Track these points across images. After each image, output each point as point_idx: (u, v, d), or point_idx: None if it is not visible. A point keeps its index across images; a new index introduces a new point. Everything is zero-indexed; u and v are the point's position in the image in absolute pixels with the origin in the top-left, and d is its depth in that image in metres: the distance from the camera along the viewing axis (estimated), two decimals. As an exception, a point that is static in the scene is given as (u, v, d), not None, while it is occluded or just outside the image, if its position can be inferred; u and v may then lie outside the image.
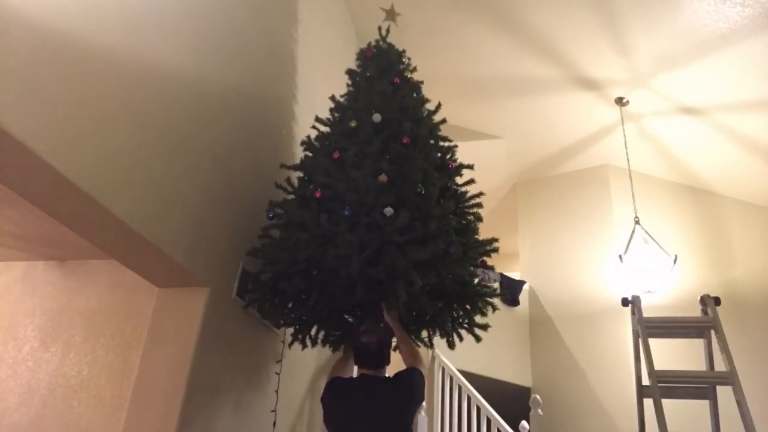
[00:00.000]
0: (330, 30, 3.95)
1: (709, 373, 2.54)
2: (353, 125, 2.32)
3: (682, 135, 4.61)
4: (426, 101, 2.56)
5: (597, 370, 4.59)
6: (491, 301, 2.31)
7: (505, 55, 4.24)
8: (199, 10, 2.19)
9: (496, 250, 2.23)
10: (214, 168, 2.26)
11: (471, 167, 2.43)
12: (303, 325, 2.35)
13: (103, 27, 1.64)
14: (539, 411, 3.51)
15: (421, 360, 2.02)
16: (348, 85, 2.66)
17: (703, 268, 4.74)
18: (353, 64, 2.78)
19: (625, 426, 4.06)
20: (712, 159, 4.75)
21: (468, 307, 2.26)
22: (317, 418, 3.22)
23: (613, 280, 4.76)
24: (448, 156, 2.41)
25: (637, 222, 4.09)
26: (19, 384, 2.72)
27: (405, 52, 2.74)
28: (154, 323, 2.20)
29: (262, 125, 2.75)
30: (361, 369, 1.99)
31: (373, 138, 2.21)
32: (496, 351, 4.71)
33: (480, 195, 2.38)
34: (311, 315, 2.17)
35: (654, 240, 4.02)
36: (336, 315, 2.26)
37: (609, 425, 4.32)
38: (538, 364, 5.04)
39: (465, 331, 2.36)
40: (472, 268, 2.17)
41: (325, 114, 2.54)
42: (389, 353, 2.04)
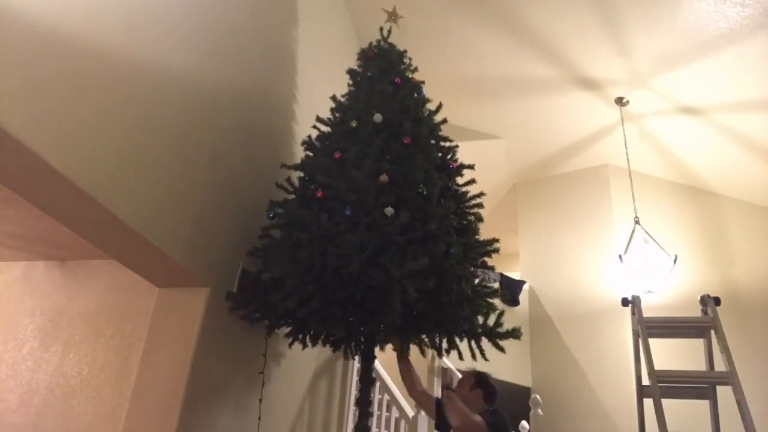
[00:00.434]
0: (330, 30, 3.95)
1: (709, 373, 2.54)
2: (354, 125, 2.32)
3: (682, 135, 4.61)
4: (427, 101, 2.56)
5: (597, 370, 4.59)
6: (492, 302, 2.31)
7: (506, 56, 4.24)
8: (199, 9, 2.19)
9: (496, 250, 2.23)
10: (214, 168, 2.26)
11: (472, 167, 2.42)
12: (301, 326, 2.33)
13: (104, 27, 1.64)
14: (539, 411, 3.51)
15: None
16: (349, 85, 2.66)
17: (703, 268, 4.74)
18: (354, 64, 2.77)
19: (625, 426, 4.06)
20: (712, 159, 4.75)
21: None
22: (318, 417, 3.22)
23: (613, 280, 4.76)
24: (448, 156, 2.41)
25: (637, 222, 4.09)
26: (19, 384, 2.72)
27: (406, 52, 2.73)
28: (154, 323, 2.20)
29: (262, 125, 2.74)
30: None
31: (374, 138, 2.21)
32: (495, 351, 4.69)
33: (481, 195, 2.37)
34: (310, 316, 2.17)
35: (654, 240, 4.02)
36: (337, 314, 2.25)
37: (609, 425, 4.32)
38: (538, 364, 5.04)
39: (485, 339, 2.41)
40: (472, 268, 2.17)
41: (326, 114, 2.53)
42: None
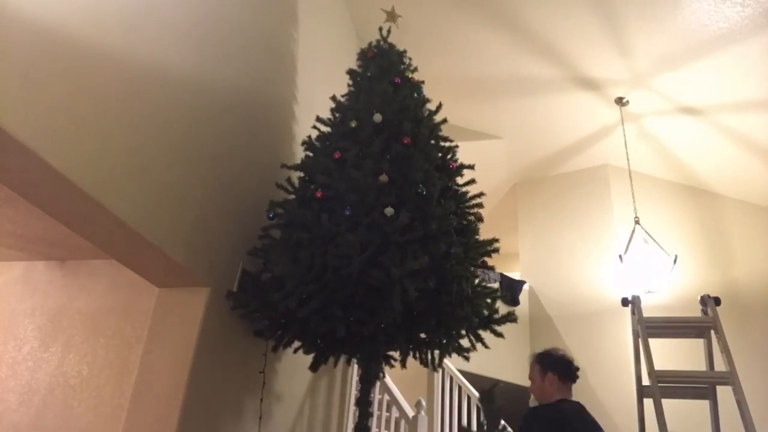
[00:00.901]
0: (330, 30, 3.95)
1: (709, 373, 2.54)
2: (354, 125, 2.32)
3: (682, 135, 4.61)
4: (427, 101, 2.56)
5: (597, 370, 4.59)
6: (490, 303, 2.31)
7: (506, 56, 4.24)
8: (199, 9, 2.19)
9: (496, 250, 2.23)
10: (214, 168, 2.26)
11: (472, 167, 2.42)
12: (300, 332, 2.28)
13: (104, 27, 1.64)
14: (539, 411, 3.50)
15: None
16: (349, 85, 2.66)
17: (703, 268, 4.74)
18: (353, 64, 2.77)
19: (625, 426, 4.06)
20: (712, 159, 4.75)
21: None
22: (318, 417, 3.22)
23: (613, 280, 4.76)
24: (448, 156, 2.41)
25: (637, 222, 4.09)
26: (19, 384, 2.72)
27: (406, 52, 2.73)
28: (154, 323, 2.20)
29: (262, 125, 2.74)
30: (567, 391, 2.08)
31: (374, 138, 2.21)
32: (495, 351, 4.68)
33: (481, 195, 2.37)
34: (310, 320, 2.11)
35: (654, 240, 4.02)
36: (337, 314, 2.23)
37: (609, 425, 4.29)
38: (538, 364, 5.03)
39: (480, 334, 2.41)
40: (472, 268, 2.17)
41: (326, 114, 2.53)
42: None
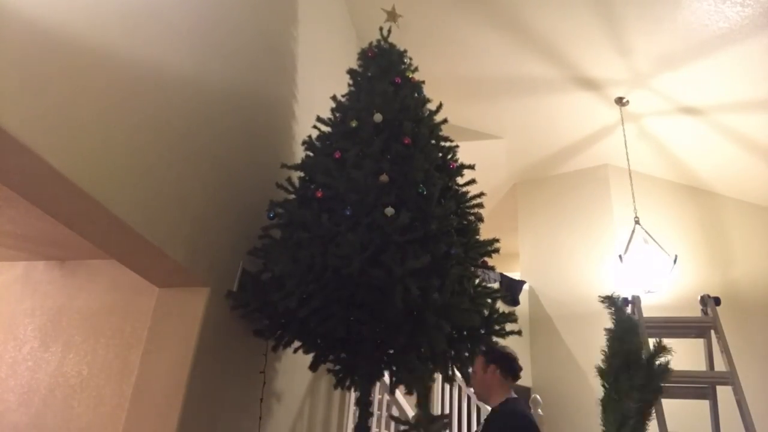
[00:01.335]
0: (330, 29, 3.95)
1: (709, 373, 2.55)
2: (354, 125, 2.31)
3: (682, 135, 4.61)
4: (427, 101, 2.56)
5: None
6: (491, 303, 2.30)
7: (506, 56, 4.24)
8: (199, 9, 2.19)
9: (497, 250, 2.23)
10: (214, 167, 2.26)
11: (472, 167, 2.42)
12: (299, 333, 2.26)
13: (104, 27, 1.64)
14: (539, 411, 3.51)
15: None
16: (349, 85, 2.65)
17: (703, 268, 4.74)
18: (354, 63, 2.77)
19: (625, 426, 4.06)
20: (712, 159, 4.75)
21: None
22: (318, 418, 3.22)
23: (613, 280, 4.75)
24: (449, 156, 2.41)
25: (637, 222, 4.08)
26: (19, 384, 2.72)
27: (406, 52, 2.73)
28: (154, 323, 2.20)
29: (262, 125, 2.74)
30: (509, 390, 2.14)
31: (374, 138, 2.20)
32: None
33: (481, 195, 2.37)
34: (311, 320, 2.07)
35: (654, 240, 4.02)
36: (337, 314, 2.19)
37: (609, 425, 4.31)
38: (538, 364, 5.04)
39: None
40: (473, 268, 2.17)
41: (326, 113, 2.53)
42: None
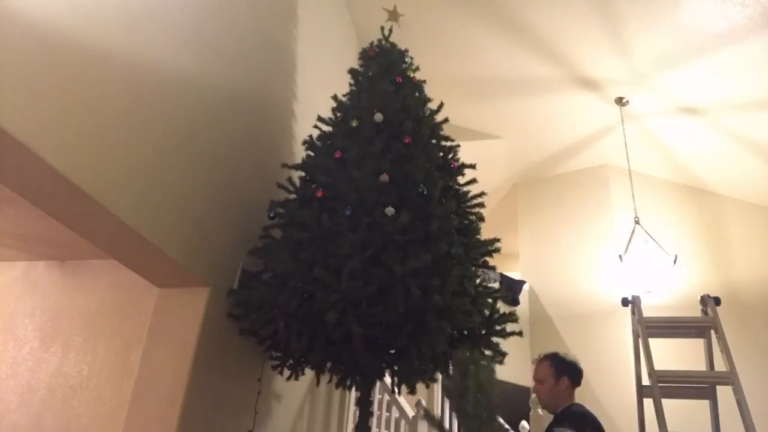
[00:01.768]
0: (331, 29, 3.94)
1: (709, 373, 2.54)
2: (355, 125, 2.31)
3: (682, 135, 4.61)
4: (428, 101, 2.56)
5: (597, 370, 4.58)
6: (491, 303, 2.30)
7: (506, 55, 4.24)
8: (199, 10, 2.19)
9: (497, 250, 2.23)
10: (214, 167, 2.26)
11: (473, 167, 2.42)
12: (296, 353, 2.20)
13: (104, 27, 1.63)
14: (539, 411, 3.50)
15: None
16: (350, 85, 2.65)
17: (704, 268, 4.74)
18: (355, 63, 2.77)
19: (625, 426, 4.05)
20: (712, 159, 4.74)
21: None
22: (318, 417, 3.21)
23: (613, 280, 4.75)
24: (449, 156, 2.41)
25: (637, 222, 4.08)
26: (19, 384, 2.72)
27: (407, 51, 2.73)
28: (154, 323, 2.20)
29: (263, 124, 2.74)
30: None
31: (375, 137, 2.20)
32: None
33: (482, 195, 2.37)
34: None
35: (654, 240, 4.02)
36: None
37: (609, 425, 4.28)
38: (537, 363, 5.03)
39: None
40: (473, 268, 2.17)
41: (327, 113, 2.53)
42: None
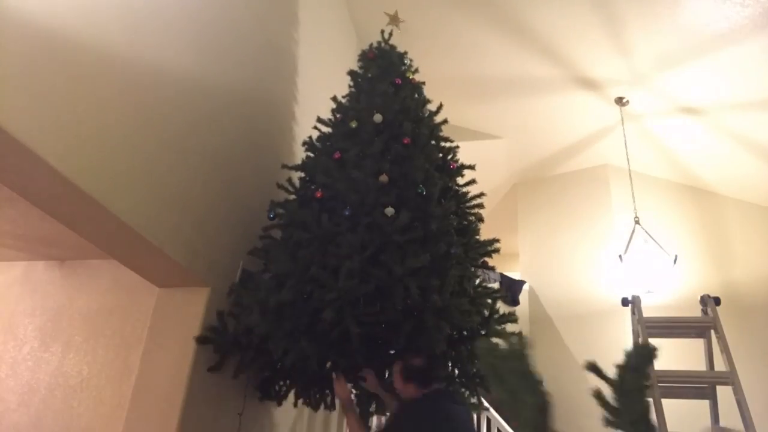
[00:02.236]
0: (331, 31, 3.95)
1: (709, 373, 2.55)
2: (354, 126, 2.32)
3: (682, 135, 4.61)
4: (427, 102, 2.56)
5: (597, 370, 4.59)
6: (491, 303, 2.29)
7: (506, 56, 4.24)
8: (200, 11, 2.19)
9: (497, 250, 2.23)
10: (214, 168, 2.26)
11: (472, 167, 2.42)
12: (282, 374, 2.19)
13: (104, 28, 1.64)
14: (539, 411, 3.50)
15: None
16: (350, 86, 2.66)
17: (704, 268, 4.74)
18: (354, 65, 2.78)
19: (625, 426, 4.06)
20: (712, 159, 4.74)
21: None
22: (318, 417, 3.21)
23: (613, 280, 4.75)
24: (449, 156, 2.41)
25: (637, 222, 4.08)
26: (19, 384, 2.72)
27: (407, 53, 2.74)
28: (154, 323, 2.20)
29: (263, 125, 2.74)
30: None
31: (375, 138, 2.21)
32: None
33: (481, 195, 2.38)
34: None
35: (654, 240, 4.02)
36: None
37: (609, 425, 4.31)
38: (538, 364, 5.03)
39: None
40: (473, 268, 2.17)
41: (327, 114, 2.54)
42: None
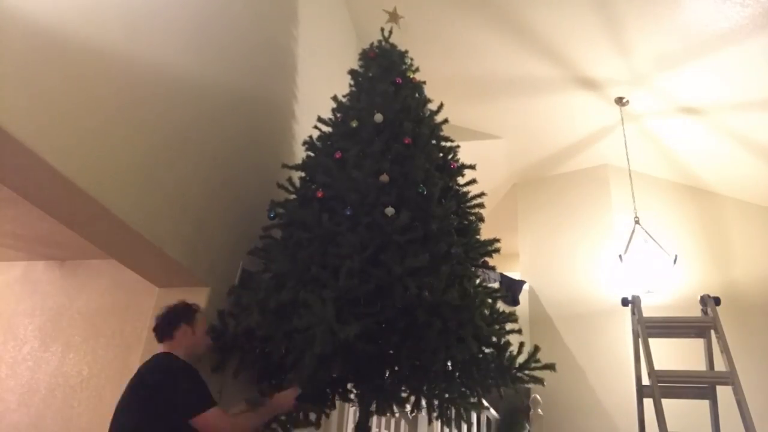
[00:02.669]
0: (331, 30, 3.94)
1: (709, 373, 2.54)
2: (355, 125, 2.32)
3: (682, 135, 4.61)
4: (428, 101, 2.56)
5: (597, 370, 4.59)
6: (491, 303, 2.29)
7: (506, 56, 4.24)
8: (200, 10, 2.19)
9: (497, 250, 2.23)
10: (214, 168, 2.26)
11: (473, 167, 2.42)
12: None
13: (104, 28, 1.64)
14: (539, 411, 3.51)
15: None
16: (350, 85, 2.66)
17: (703, 268, 4.74)
18: (354, 64, 2.77)
19: (625, 426, 4.06)
20: (712, 159, 4.74)
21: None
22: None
23: (613, 280, 4.75)
24: (449, 156, 2.41)
25: (637, 222, 4.08)
26: (19, 384, 2.72)
27: (407, 52, 2.73)
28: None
29: (263, 125, 2.74)
30: None
31: (375, 138, 2.21)
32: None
33: (481, 195, 2.37)
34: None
35: (654, 240, 4.02)
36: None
37: (609, 425, 4.31)
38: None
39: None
40: (473, 268, 2.17)
41: (327, 114, 2.53)
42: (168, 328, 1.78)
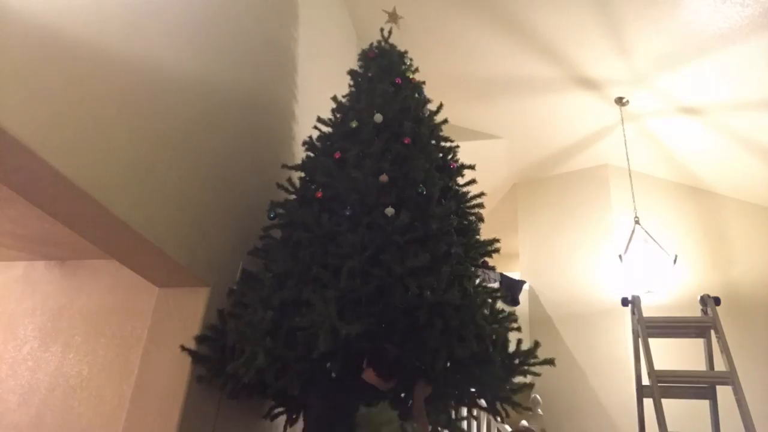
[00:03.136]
0: (331, 30, 3.95)
1: (709, 373, 2.55)
2: (354, 125, 2.32)
3: (682, 135, 4.61)
4: (428, 101, 2.56)
5: (597, 370, 4.59)
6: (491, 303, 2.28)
7: (506, 56, 4.24)
8: (201, 11, 2.19)
9: (497, 250, 2.23)
10: (214, 168, 2.26)
11: (472, 167, 2.42)
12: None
13: (104, 28, 1.64)
14: (539, 411, 3.51)
15: None
16: (350, 86, 2.66)
17: (704, 268, 4.74)
18: (354, 64, 2.77)
19: (625, 426, 4.06)
20: (712, 159, 4.74)
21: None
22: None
23: (613, 280, 4.75)
24: (449, 156, 2.41)
25: (637, 222, 4.08)
26: (19, 384, 2.72)
27: (407, 52, 2.74)
28: (154, 323, 2.20)
29: (263, 125, 2.74)
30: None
31: (375, 138, 2.21)
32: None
33: (481, 195, 2.37)
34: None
35: (654, 240, 4.02)
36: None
37: (609, 425, 4.31)
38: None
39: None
40: (473, 268, 2.17)
41: (327, 114, 2.54)
42: None
